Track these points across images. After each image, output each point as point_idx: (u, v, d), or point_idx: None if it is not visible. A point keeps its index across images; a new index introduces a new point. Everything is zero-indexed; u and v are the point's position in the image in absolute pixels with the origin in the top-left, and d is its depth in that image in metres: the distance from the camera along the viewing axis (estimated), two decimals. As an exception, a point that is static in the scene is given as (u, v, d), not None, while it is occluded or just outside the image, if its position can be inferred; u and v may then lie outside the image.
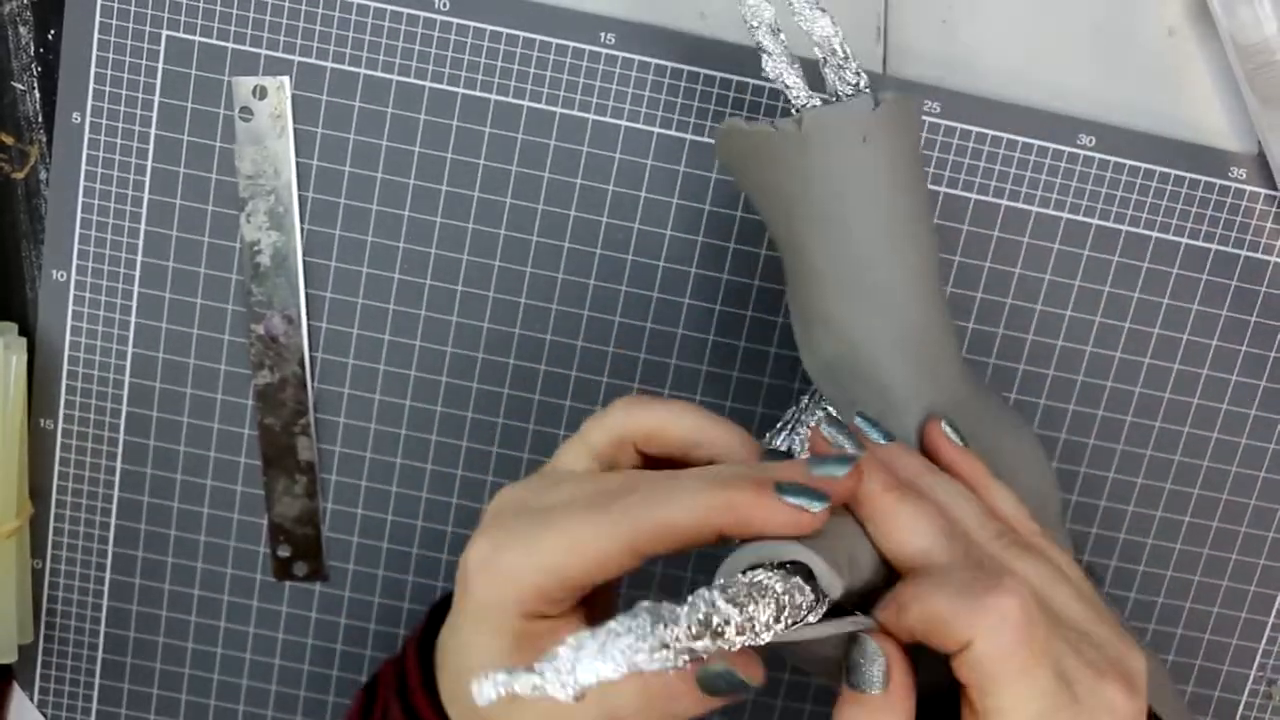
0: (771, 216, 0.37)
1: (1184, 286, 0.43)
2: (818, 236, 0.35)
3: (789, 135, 0.34)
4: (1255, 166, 0.42)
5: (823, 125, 0.34)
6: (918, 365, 0.35)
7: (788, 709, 0.46)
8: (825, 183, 0.34)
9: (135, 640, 0.46)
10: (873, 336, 0.35)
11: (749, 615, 0.26)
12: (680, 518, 0.29)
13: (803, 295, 0.37)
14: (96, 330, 0.44)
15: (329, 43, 0.41)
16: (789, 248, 0.36)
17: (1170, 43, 0.42)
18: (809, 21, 0.35)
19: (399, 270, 0.43)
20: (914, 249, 0.35)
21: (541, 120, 0.42)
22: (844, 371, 0.36)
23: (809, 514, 0.29)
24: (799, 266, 0.36)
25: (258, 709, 0.46)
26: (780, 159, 0.35)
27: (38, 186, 0.43)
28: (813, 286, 0.36)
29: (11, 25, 0.42)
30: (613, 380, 0.44)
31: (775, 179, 0.35)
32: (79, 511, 0.45)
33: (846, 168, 0.34)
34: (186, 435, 0.44)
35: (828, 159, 0.34)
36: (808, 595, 0.28)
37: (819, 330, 0.36)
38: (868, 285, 0.35)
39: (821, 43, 0.35)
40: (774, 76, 0.35)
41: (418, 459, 0.44)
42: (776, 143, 0.35)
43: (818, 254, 0.35)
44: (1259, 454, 0.44)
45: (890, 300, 0.35)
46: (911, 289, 0.35)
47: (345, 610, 0.46)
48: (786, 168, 0.35)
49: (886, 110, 0.34)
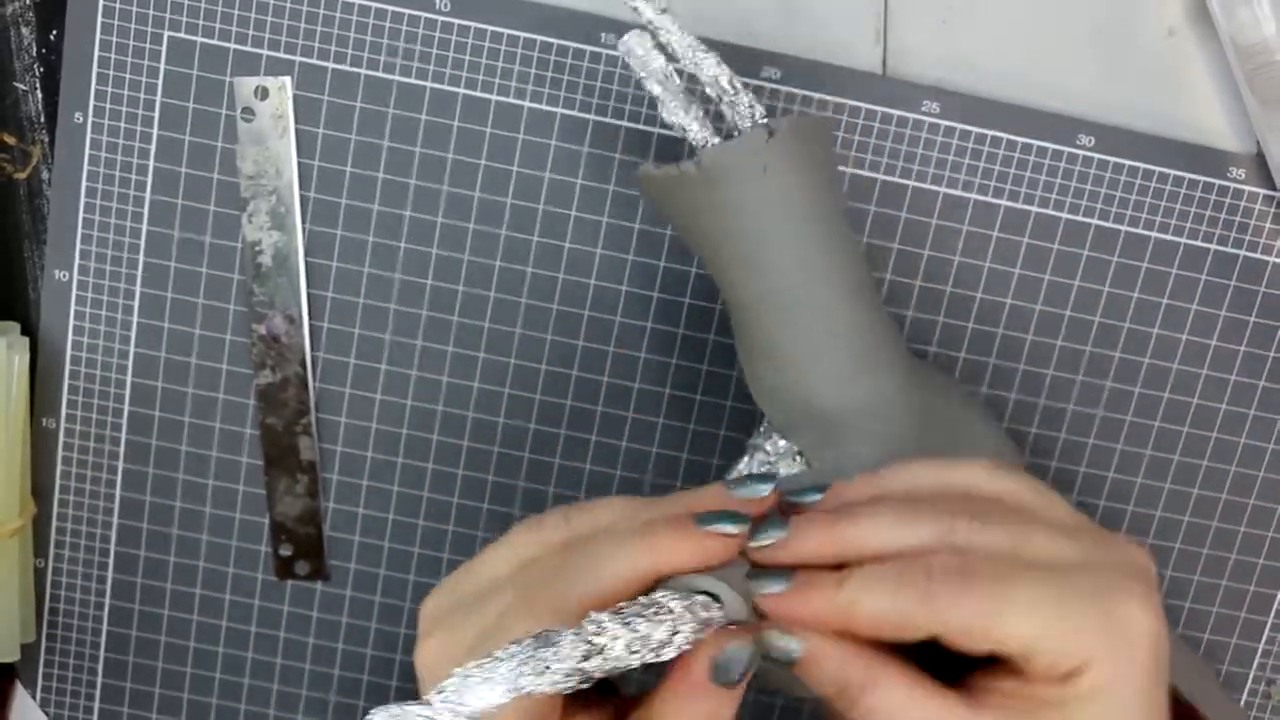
0: (700, 255, 0.37)
1: (1183, 286, 0.43)
2: (738, 270, 0.35)
3: (693, 177, 0.35)
4: (1254, 167, 0.42)
5: (722, 163, 0.34)
6: (853, 383, 0.36)
7: (787, 709, 0.46)
8: (735, 218, 0.35)
9: (137, 639, 0.46)
10: (805, 361, 0.36)
11: (642, 634, 0.27)
12: (609, 586, 0.28)
13: (739, 328, 0.37)
14: (99, 330, 0.44)
15: (330, 43, 0.42)
16: (720, 283, 0.37)
17: (1170, 43, 0.42)
18: (695, 65, 0.35)
19: (400, 270, 0.43)
20: (834, 267, 0.35)
21: (542, 120, 0.42)
22: (785, 399, 0.36)
23: (725, 540, 0.28)
24: (731, 300, 0.37)
25: (259, 708, 0.46)
26: (691, 200, 0.35)
27: (40, 186, 0.43)
28: (746, 318, 0.36)
29: (14, 26, 0.42)
30: (613, 380, 0.44)
31: (693, 219, 0.36)
32: (81, 510, 0.45)
33: (750, 201, 0.34)
34: (188, 435, 0.44)
35: (730, 194, 0.35)
36: (714, 614, 0.28)
37: (759, 361, 0.37)
38: (793, 312, 0.35)
39: (711, 82, 0.35)
40: (672, 123, 0.35)
41: (419, 458, 0.44)
42: (685, 185, 0.35)
43: (741, 288, 0.36)
44: (1258, 453, 0.44)
45: (816, 323, 0.35)
46: (837, 307, 0.35)
47: (347, 609, 0.46)
48: (698, 207, 0.35)
49: (781, 139, 0.34)
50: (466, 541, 0.45)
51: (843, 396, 0.36)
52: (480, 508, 0.45)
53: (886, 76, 0.42)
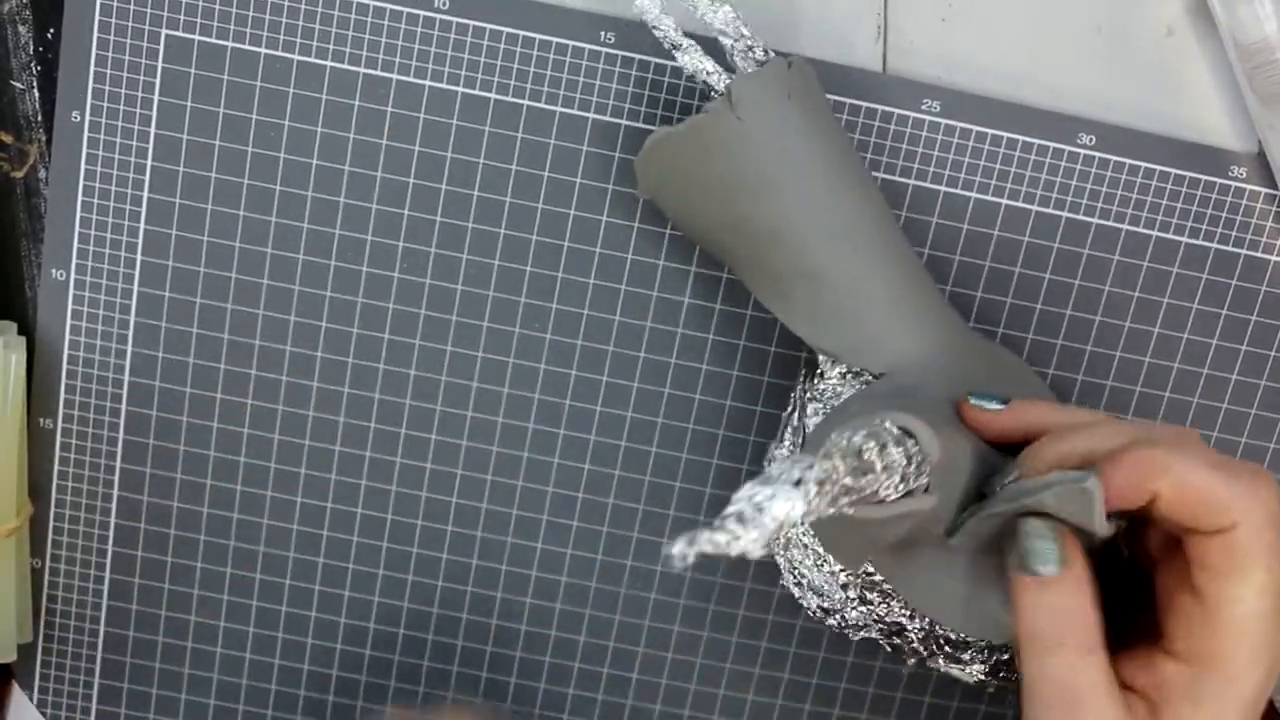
0: (705, 218, 0.38)
1: (1184, 285, 0.43)
2: (768, 202, 0.37)
3: (721, 113, 0.36)
4: (1255, 165, 0.42)
5: (750, 90, 0.36)
6: (901, 293, 0.37)
7: (786, 709, 0.46)
8: (764, 144, 0.36)
9: (135, 639, 0.46)
10: (849, 272, 0.37)
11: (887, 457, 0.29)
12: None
13: (768, 266, 0.38)
14: (96, 329, 0.44)
15: (328, 41, 0.41)
16: (736, 233, 0.38)
17: (1170, 42, 0.42)
18: (712, 14, 0.38)
19: (399, 269, 0.43)
20: (861, 184, 0.37)
21: (541, 119, 0.42)
22: (828, 314, 0.37)
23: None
24: (751, 245, 0.38)
25: (257, 708, 0.46)
26: (713, 144, 0.37)
27: (37, 185, 0.43)
28: (775, 251, 0.37)
29: (11, 24, 0.42)
30: (612, 379, 0.44)
31: (708, 169, 0.37)
32: (78, 511, 0.45)
33: (781, 124, 0.36)
34: (186, 434, 0.44)
35: (761, 120, 0.36)
36: (911, 446, 0.30)
37: (800, 285, 0.37)
38: (832, 226, 0.37)
39: (727, 28, 0.38)
40: (693, 68, 0.38)
41: (417, 458, 0.44)
42: (708, 127, 0.36)
43: (773, 217, 0.37)
44: (1259, 453, 0.44)
45: (857, 235, 0.37)
46: (873, 223, 0.37)
47: (345, 609, 0.46)
48: (721, 148, 0.37)
49: (799, 68, 0.37)
50: (465, 541, 0.45)
51: (897, 304, 0.37)
52: (479, 507, 0.45)
53: (887, 74, 0.42)
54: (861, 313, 0.37)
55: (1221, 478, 0.29)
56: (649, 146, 0.38)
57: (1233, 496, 0.28)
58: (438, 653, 0.46)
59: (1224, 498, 0.28)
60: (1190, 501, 0.29)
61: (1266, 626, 0.28)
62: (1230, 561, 0.28)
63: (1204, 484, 0.29)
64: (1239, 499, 0.28)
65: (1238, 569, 0.28)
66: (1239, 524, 0.28)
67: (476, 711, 0.37)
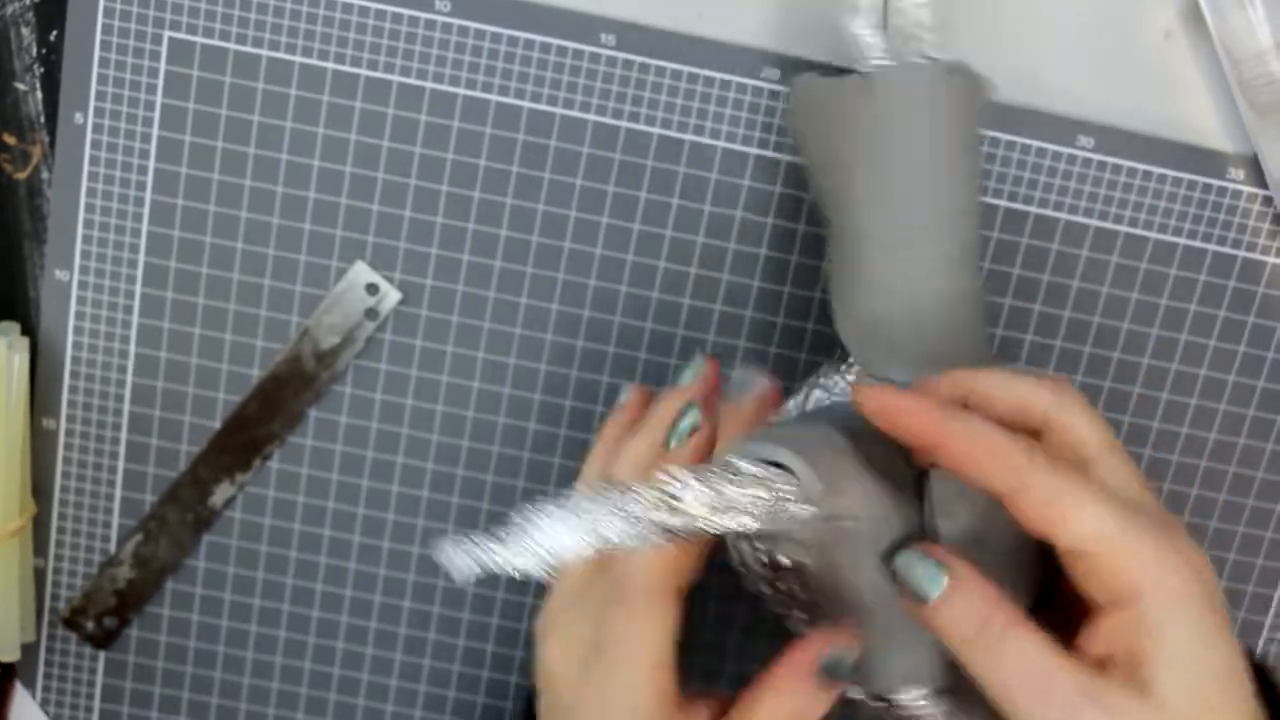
0: (829, 178, 0.37)
1: (1182, 287, 0.43)
2: (876, 200, 0.36)
3: (864, 88, 0.36)
4: (1252, 168, 0.42)
5: (897, 80, 0.36)
6: (951, 331, 0.36)
7: None
8: (891, 139, 0.36)
9: (137, 638, 0.46)
10: (914, 300, 0.36)
11: (717, 491, 0.27)
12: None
13: (850, 257, 0.37)
14: (99, 330, 0.44)
15: (330, 43, 0.42)
16: (844, 208, 0.37)
17: (1168, 45, 0.42)
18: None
19: (399, 270, 0.43)
20: (964, 214, 0.36)
21: (542, 121, 0.42)
22: (879, 335, 0.37)
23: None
24: (849, 228, 0.37)
25: (259, 706, 0.46)
26: (851, 114, 0.36)
27: (40, 186, 0.43)
28: (861, 249, 0.37)
29: (14, 26, 0.42)
30: (613, 379, 0.44)
31: (842, 135, 0.37)
32: (81, 510, 0.45)
33: (914, 125, 0.36)
34: (189, 434, 0.44)
35: (897, 113, 0.36)
36: (790, 489, 0.28)
37: (862, 291, 0.37)
38: (918, 251, 0.36)
39: (908, 10, 0.36)
40: (859, 33, 0.36)
41: (418, 458, 0.44)
42: (850, 95, 0.36)
43: (874, 215, 0.36)
44: (1257, 454, 0.44)
45: (936, 266, 0.36)
46: (957, 257, 0.36)
47: (347, 608, 0.46)
48: (856, 123, 0.36)
49: (956, 79, 0.36)
50: (466, 541, 0.45)
51: (945, 337, 0.36)
52: (480, 508, 0.45)
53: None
54: (887, 330, 0.37)
55: (1126, 530, 0.28)
56: (800, 83, 0.38)
57: (1138, 553, 0.28)
58: (439, 652, 0.46)
59: (1127, 558, 0.28)
60: (1087, 549, 0.28)
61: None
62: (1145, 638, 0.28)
63: (1103, 535, 0.28)
64: (1149, 553, 0.28)
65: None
66: (1144, 591, 0.27)
67: None
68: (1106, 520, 0.28)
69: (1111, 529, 0.28)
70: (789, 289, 0.43)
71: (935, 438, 0.30)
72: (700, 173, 0.42)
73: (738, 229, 0.43)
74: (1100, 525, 0.28)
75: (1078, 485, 0.28)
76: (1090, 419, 0.31)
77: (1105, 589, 0.28)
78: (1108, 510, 0.28)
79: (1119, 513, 0.28)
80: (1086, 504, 0.28)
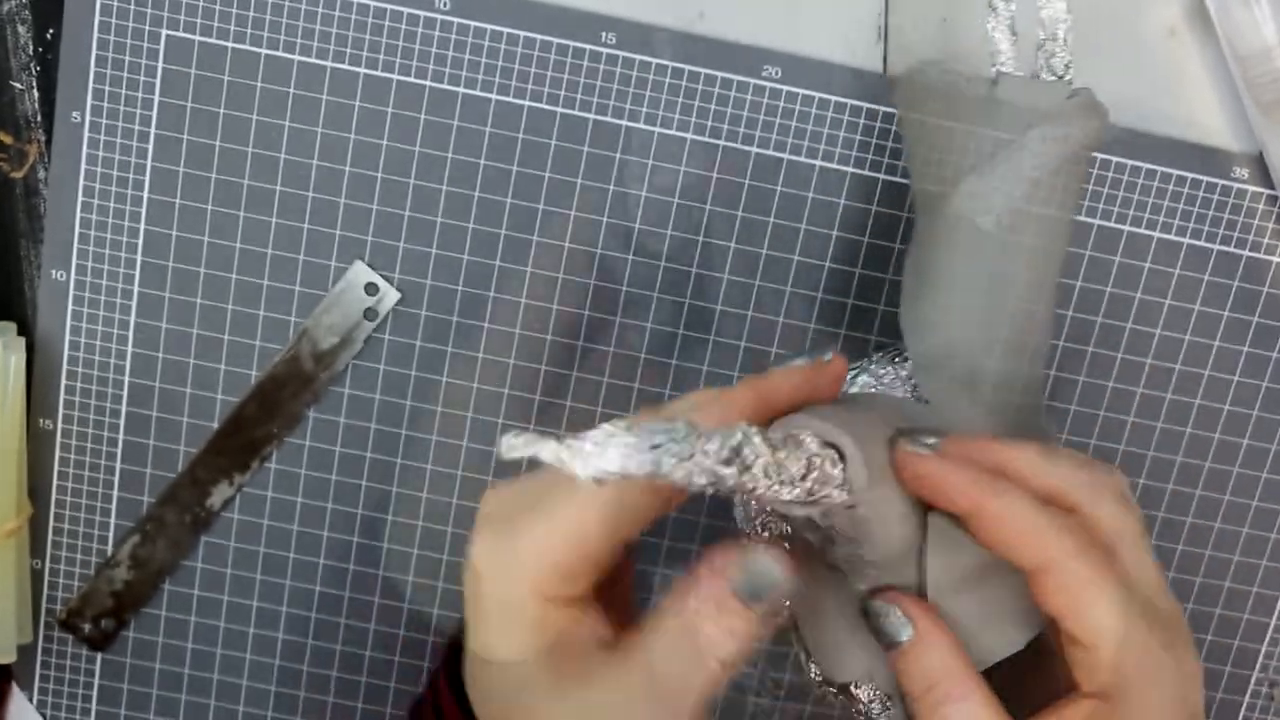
0: (925, 178, 0.37)
1: (1186, 287, 0.43)
2: (971, 222, 0.35)
3: (980, 94, 0.35)
4: (1257, 166, 0.42)
5: (1016, 94, 0.35)
6: (1015, 353, 0.36)
7: (788, 709, 0.46)
8: (1006, 155, 0.35)
9: (134, 640, 0.46)
10: (985, 344, 0.35)
11: (779, 460, 0.27)
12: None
13: (924, 256, 0.36)
14: (96, 330, 0.43)
15: (329, 42, 0.41)
16: (932, 210, 0.36)
17: (1172, 43, 0.42)
18: (1048, 1, 0.36)
19: (399, 270, 0.43)
20: (1046, 248, 0.35)
21: (542, 120, 0.42)
22: (942, 364, 0.36)
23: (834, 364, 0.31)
24: (934, 231, 0.36)
25: (257, 709, 0.46)
26: (961, 115, 0.35)
27: (37, 186, 0.43)
28: (940, 253, 0.36)
29: (10, 24, 0.42)
30: (613, 380, 0.44)
31: (950, 137, 0.36)
32: (78, 511, 0.45)
33: (1030, 143, 0.34)
34: (186, 435, 0.44)
35: (1016, 127, 0.34)
36: (836, 474, 0.28)
37: (937, 294, 0.36)
38: (996, 266, 0.35)
39: (1047, 21, 0.36)
40: (993, 37, 0.36)
41: (418, 459, 0.44)
42: (963, 95, 0.35)
43: (956, 222, 0.35)
44: (1261, 455, 0.44)
45: (1018, 317, 0.35)
46: (1035, 312, 0.35)
47: (345, 610, 0.45)
48: (969, 125, 0.35)
49: (1079, 104, 0.34)
50: (465, 543, 0.45)
51: (1002, 360, 0.36)
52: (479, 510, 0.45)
53: (887, 75, 0.42)
54: (949, 361, 0.36)
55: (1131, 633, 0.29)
56: (917, 68, 0.37)
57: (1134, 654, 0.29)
58: (439, 654, 0.46)
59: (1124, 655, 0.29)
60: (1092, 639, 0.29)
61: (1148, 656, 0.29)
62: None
63: (1111, 631, 0.29)
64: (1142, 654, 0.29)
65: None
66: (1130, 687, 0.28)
67: None
68: (1118, 621, 0.28)
69: (1121, 630, 0.28)
70: (788, 289, 0.43)
71: (971, 509, 0.30)
72: (703, 172, 0.42)
73: (737, 229, 0.42)
74: (1111, 624, 0.28)
75: (1101, 577, 0.29)
76: (1124, 511, 0.31)
77: (1094, 682, 0.29)
78: (1121, 611, 0.29)
79: (1131, 615, 0.29)
80: (1102, 600, 0.29)
